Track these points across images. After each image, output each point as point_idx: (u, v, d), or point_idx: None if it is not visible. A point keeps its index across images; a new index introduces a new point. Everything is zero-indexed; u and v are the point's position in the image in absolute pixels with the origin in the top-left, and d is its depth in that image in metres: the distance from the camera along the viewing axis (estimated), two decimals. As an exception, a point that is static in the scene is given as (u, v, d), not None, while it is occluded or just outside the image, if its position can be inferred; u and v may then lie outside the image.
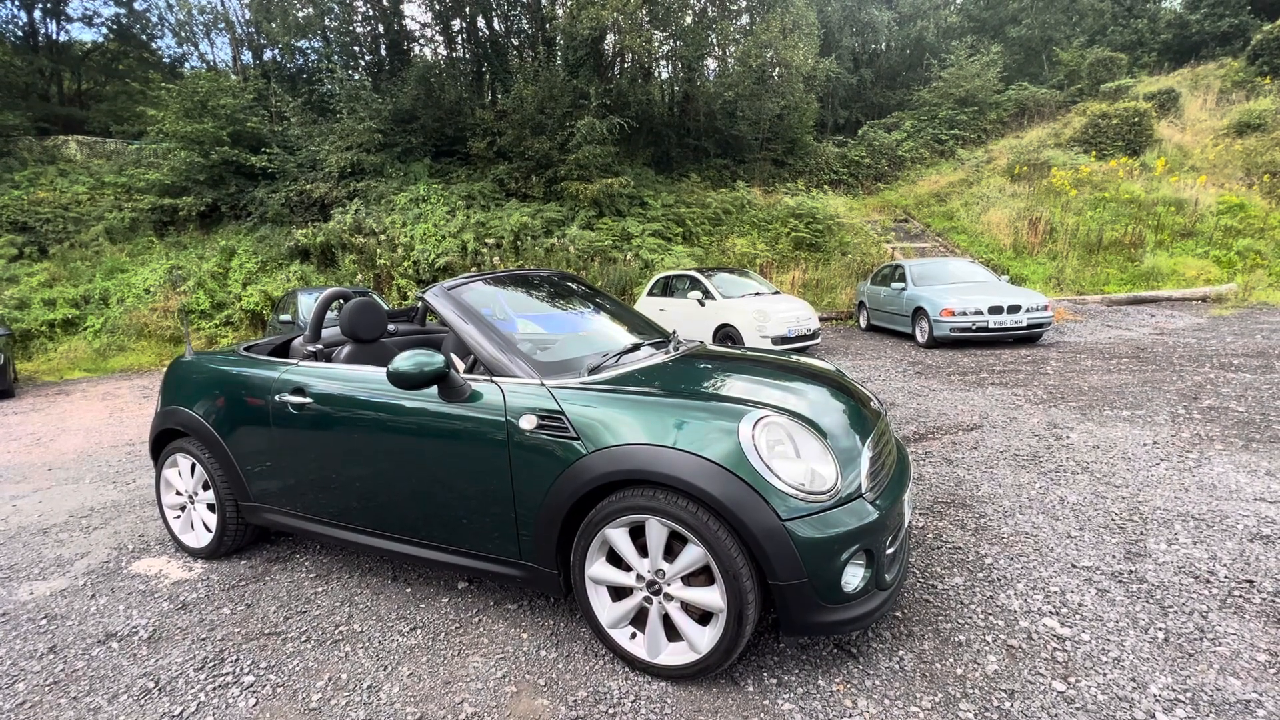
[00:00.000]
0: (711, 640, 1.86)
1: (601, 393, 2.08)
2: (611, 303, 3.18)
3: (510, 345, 2.29)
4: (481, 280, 2.64)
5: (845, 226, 16.29)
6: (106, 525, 3.57)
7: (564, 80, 15.46)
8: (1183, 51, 21.25)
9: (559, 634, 2.25)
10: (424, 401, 2.28)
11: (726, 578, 1.79)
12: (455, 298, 2.46)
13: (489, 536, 2.24)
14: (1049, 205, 16.22)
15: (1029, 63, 24.17)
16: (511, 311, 2.67)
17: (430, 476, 2.30)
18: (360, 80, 15.94)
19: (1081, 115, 19.08)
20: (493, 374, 2.23)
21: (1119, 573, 2.45)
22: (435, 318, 3.80)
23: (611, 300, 3.23)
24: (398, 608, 2.51)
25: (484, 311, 2.44)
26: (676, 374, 2.37)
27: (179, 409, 2.98)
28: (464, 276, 2.61)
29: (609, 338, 2.73)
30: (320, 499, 2.65)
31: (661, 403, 1.99)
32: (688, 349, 2.76)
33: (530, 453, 2.07)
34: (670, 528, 1.87)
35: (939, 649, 2.03)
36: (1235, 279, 13.04)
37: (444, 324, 2.50)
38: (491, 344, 2.29)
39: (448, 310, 2.41)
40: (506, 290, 2.73)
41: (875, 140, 20.65)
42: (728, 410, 1.92)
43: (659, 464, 1.84)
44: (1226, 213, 15.17)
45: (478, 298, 2.51)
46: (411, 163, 16.06)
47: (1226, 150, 17.10)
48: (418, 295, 2.54)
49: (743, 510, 1.75)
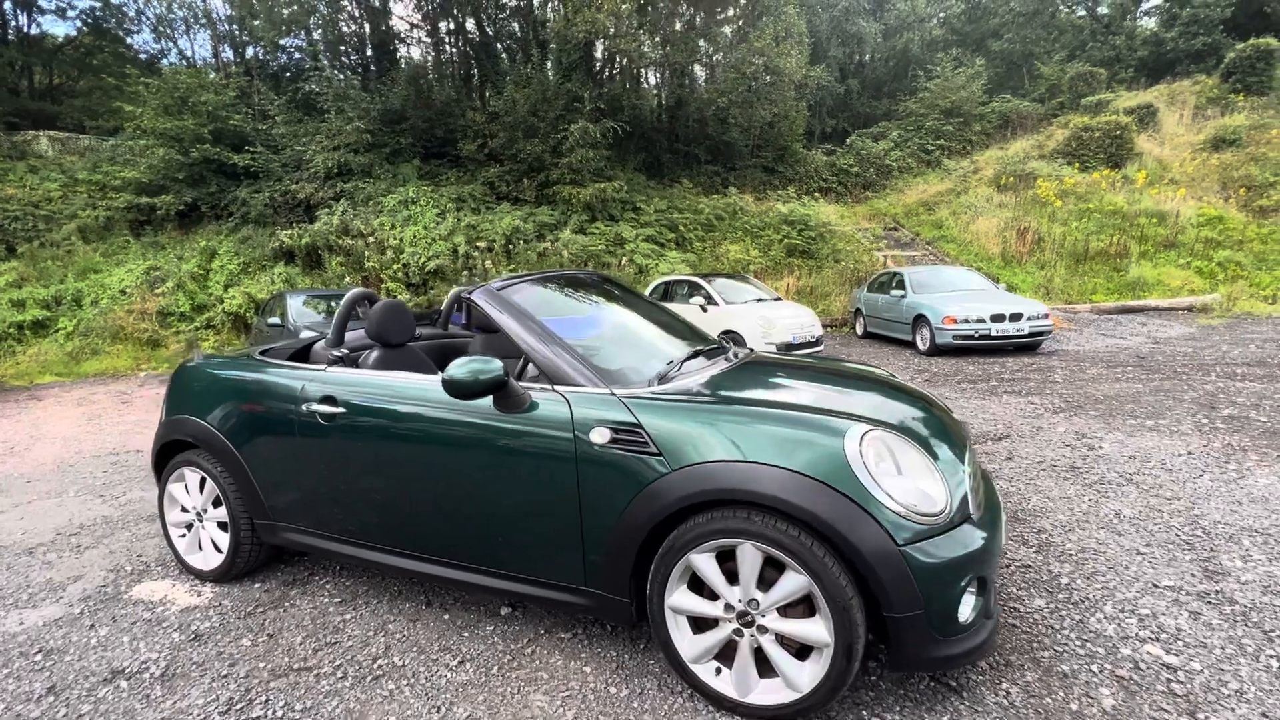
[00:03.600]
0: (814, 678, 1.68)
1: (681, 404, 1.90)
2: (654, 306, 3.01)
3: (572, 350, 2.11)
4: (529, 280, 2.46)
5: (837, 234, 16.34)
6: (99, 544, 3.28)
7: (557, 84, 15.30)
8: (1159, 68, 21.81)
9: (626, 668, 2.06)
10: (476, 412, 2.08)
11: (834, 609, 1.62)
12: (506, 299, 2.27)
13: (549, 560, 2.05)
14: (1035, 215, 16.45)
15: (1010, 76, 24.63)
16: (562, 314, 2.48)
17: (482, 495, 2.10)
18: (349, 80, 15.57)
19: (1064, 128, 19.44)
20: (553, 382, 2.05)
21: (1205, 593, 2.34)
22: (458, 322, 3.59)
23: (653, 303, 3.06)
24: (439, 637, 2.29)
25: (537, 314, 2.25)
26: (750, 383, 2.20)
27: (188, 419, 2.74)
28: (511, 277, 2.43)
29: (662, 344, 2.55)
30: (350, 518, 2.43)
31: (751, 415, 1.82)
32: (746, 356, 2.60)
33: (602, 469, 1.88)
34: (766, 553, 1.70)
35: (1044, 681, 1.89)
36: (1218, 289, 13.31)
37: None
38: (551, 349, 2.10)
39: (499, 312, 2.22)
40: (553, 291, 2.54)
41: (863, 149, 20.81)
42: (828, 423, 1.76)
43: (756, 483, 1.67)
44: (1206, 225, 15.52)
45: (527, 299, 2.32)
46: (400, 164, 15.73)
47: (1204, 164, 17.53)
48: (463, 295, 2.35)
49: (854, 534, 1.59)
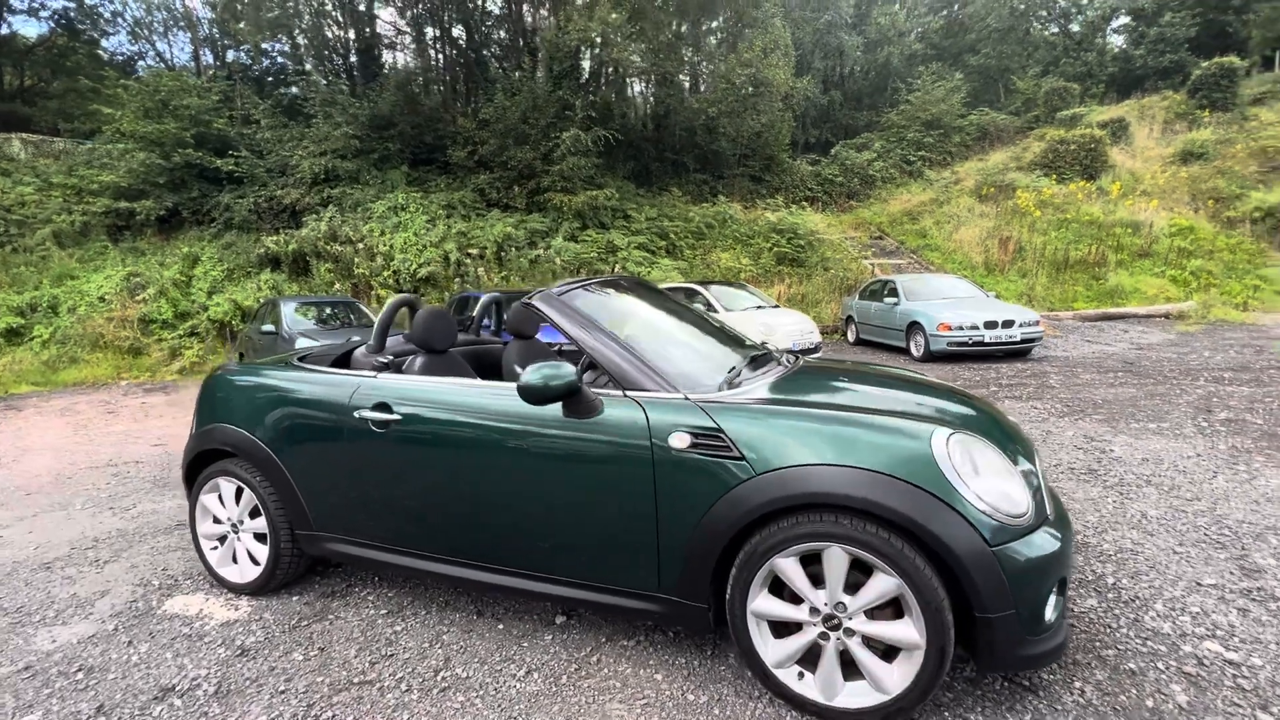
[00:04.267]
0: (904, 679, 1.69)
1: (759, 408, 1.91)
2: (692, 310, 3.02)
3: (642, 355, 2.10)
4: (584, 285, 2.45)
5: (825, 242, 16.57)
6: (118, 558, 3.17)
7: (548, 91, 15.32)
8: (1128, 83, 22.60)
9: (697, 674, 2.05)
10: (545, 419, 2.06)
11: (927, 610, 1.63)
12: (567, 304, 2.25)
13: (620, 567, 2.03)
14: (1016, 225, 16.86)
15: (987, 90, 25.28)
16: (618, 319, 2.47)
17: (551, 502, 2.08)
18: (337, 85, 15.40)
19: (1040, 140, 19.99)
20: (622, 387, 2.04)
21: (1247, 590, 2.41)
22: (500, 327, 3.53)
23: (690, 308, 3.07)
24: (498, 648, 2.26)
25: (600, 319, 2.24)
26: (815, 388, 2.22)
27: (225, 427, 2.66)
28: (568, 282, 2.41)
29: (715, 349, 2.56)
30: (403, 527, 2.38)
31: (833, 418, 1.84)
32: (804, 362, 2.61)
33: (681, 474, 1.88)
34: (854, 556, 1.71)
35: (1115, 679, 1.92)
36: (1193, 297, 13.77)
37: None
38: (620, 354, 2.09)
39: (563, 318, 2.20)
40: (608, 296, 2.52)
41: (847, 159, 21.16)
42: (912, 426, 1.78)
43: (847, 486, 1.68)
44: (1178, 235, 16.07)
45: (587, 304, 2.31)
46: (388, 170, 15.58)
47: (1174, 177, 18.16)
48: (523, 301, 2.33)
49: (949, 536, 1.61)
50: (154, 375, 10.97)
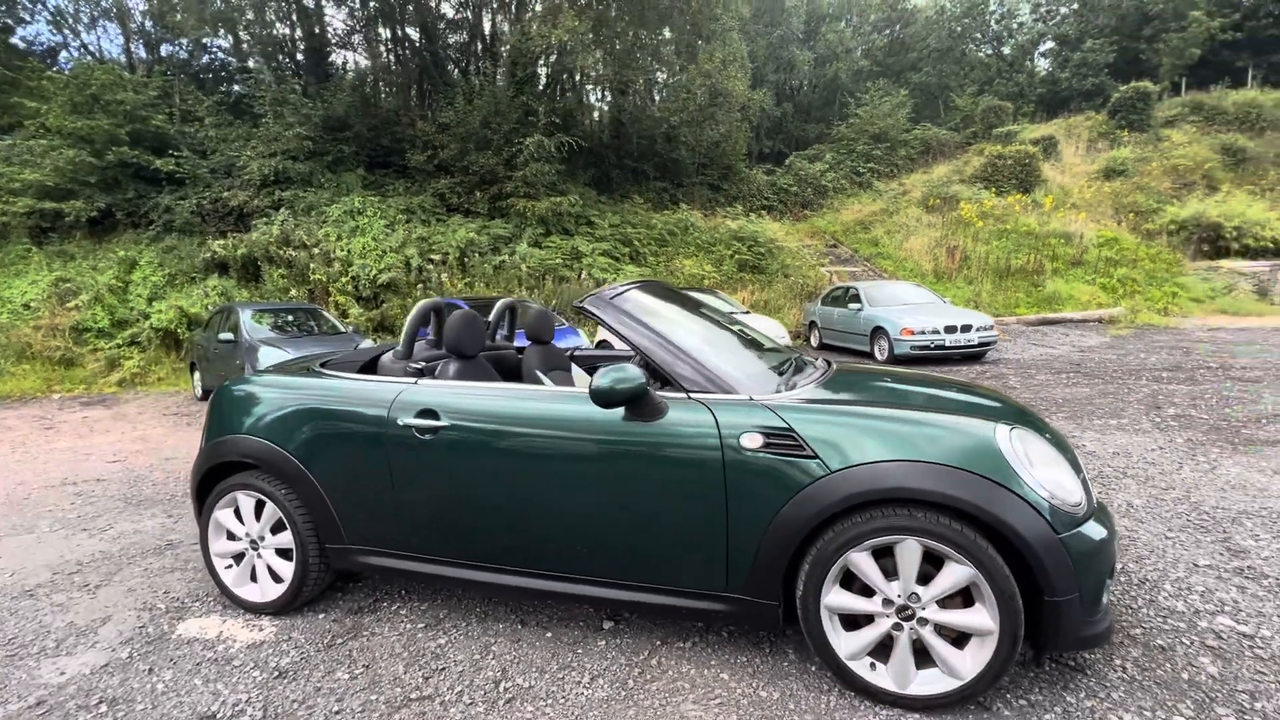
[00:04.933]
0: (978, 665, 1.78)
1: (828, 408, 1.97)
2: (720, 313, 3.07)
3: (701, 357, 2.13)
4: (636, 288, 2.45)
5: (785, 250, 17.00)
6: (110, 582, 2.95)
7: (509, 97, 15.18)
8: (1055, 104, 24.18)
9: (762, 670, 2.09)
10: (607, 423, 2.06)
11: (1001, 597, 1.72)
12: (620, 307, 2.26)
13: (687, 569, 2.05)
14: (961, 235, 17.75)
15: (928, 106, 26.55)
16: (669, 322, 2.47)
17: (613, 506, 2.08)
18: (290, 84, 14.81)
19: (979, 155, 21.13)
20: (687, 390, 2.06)
21: (1239, 569, 2.63)
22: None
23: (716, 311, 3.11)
24: (552, 656, 2.23)
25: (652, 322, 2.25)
26: (864, 389, 2.30)
27: (245, 438, 2.53)
28: (620, 285, 2.41)
29: (751, 351, 2.61)
30: (447, 536, 2.33)
31: (899, 417, 1.91)
32: (839, 365, 2.69)
33: (753, 475, 1.92)
34: (927, 547, 1.79)
35: (1149, 655, 2.07)
36: (1121, 303, 14.83)
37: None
38: (681, 356, 2.12)
39: (620, 321, 2.21)
40: (650, 299, 2.52)
41: (801, 170, 21.82)
42: (975, 422, 1.87)
43: (920, 480, 1.76)
44: (1104, 245, 17.26)
45: (637, 307, 2.32)
46: (343, 173, 15.07)
47: (1099, 191, 19.52)
48: (575, 305, 2.32)
49: (1022, 525, 1.70)
50: (90, 388, 10.23)
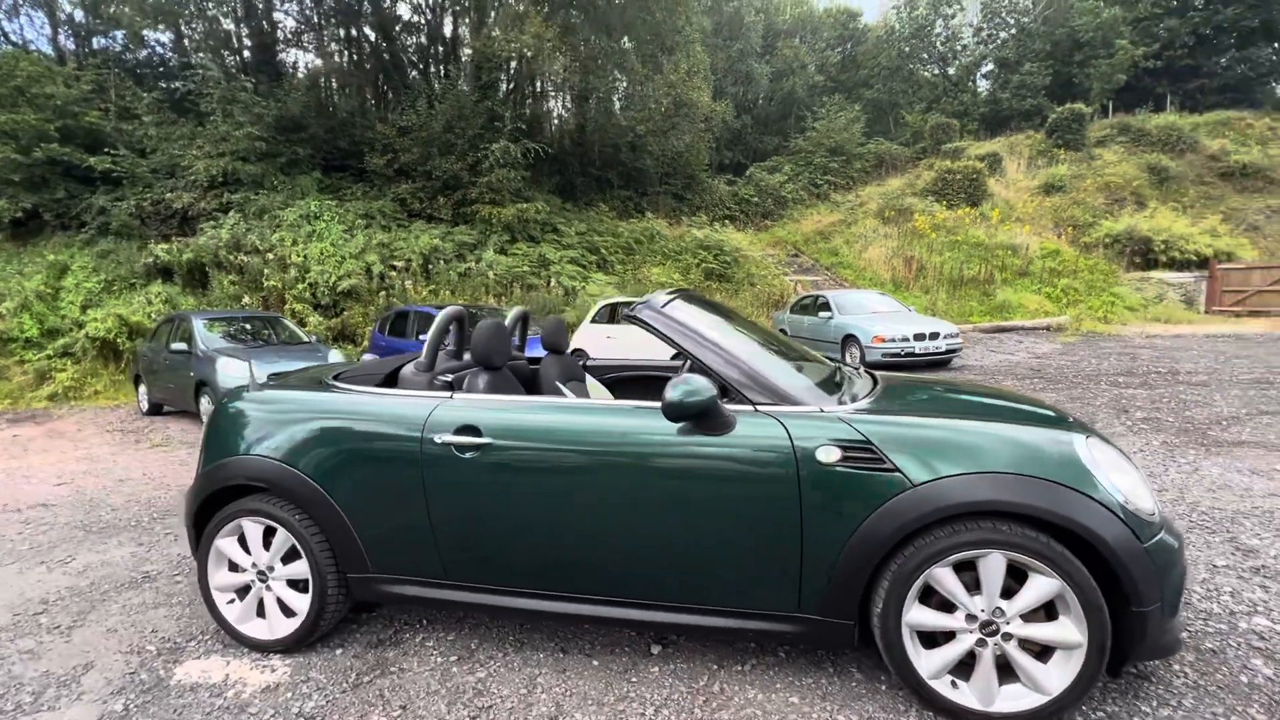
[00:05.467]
0: (1065, 679, 1.75)
1: (903, 420, 1.92)
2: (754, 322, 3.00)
3: (763, 368, 2.05)
4: (680, 297, 2.36)
5: (750, 259, 17.22)
6: (84, 622, 2.64)
7: (473, 101, 14.90)
8: (997, 122, 25.41)
9: (831, 692, 2.01)
10: (669, 437, 1.96)
11: (1089, 609, 1.70)
12: (673, 316, 2.17)
13: (754, 589, 1.96)
14: (916, 245, 18.39)
15: (880, 121, 27.48)
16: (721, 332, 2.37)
17: (677, 525, 1.97)
18: (240, 81, 14.11)
19: (930, 170, 21.99)
20: (754, 403, 1.98)
21: (1255, 568, 2.72)
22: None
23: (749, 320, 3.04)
24: (605, 686, 2.10)
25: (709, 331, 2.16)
26: (921, 400, 2.27)
27: (253, 459, 2.31)
28: (664, 294, 2.31)
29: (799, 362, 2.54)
30: (490, 561, 2.17)
31: (977, 428, 1.88)
32: (883, 376, 2.65)
33: (830, 490, 1.85)
34: (1013, 560, 1.75)
35: (1203, 660, 2.10)
36: (1065, 312, 15.62)
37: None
38: (745, 367, 2.03)
39: (676, 331, 2.11)
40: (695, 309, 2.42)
41: (761, 181, 22.22)
42: (1053, 432, 1.86)
43: (1009, 492, 1.73)
44: (1047, 257, 18.17)
45: (691, 316, 2.22)
46: (298, 176, 14.44)
47: (1040, 206, 20.57)
48: (627, 314, 2.20)
49: (1110, 536, 1.69)
50: (17, 403, 9.41)
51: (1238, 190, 20.73)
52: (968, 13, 27.60)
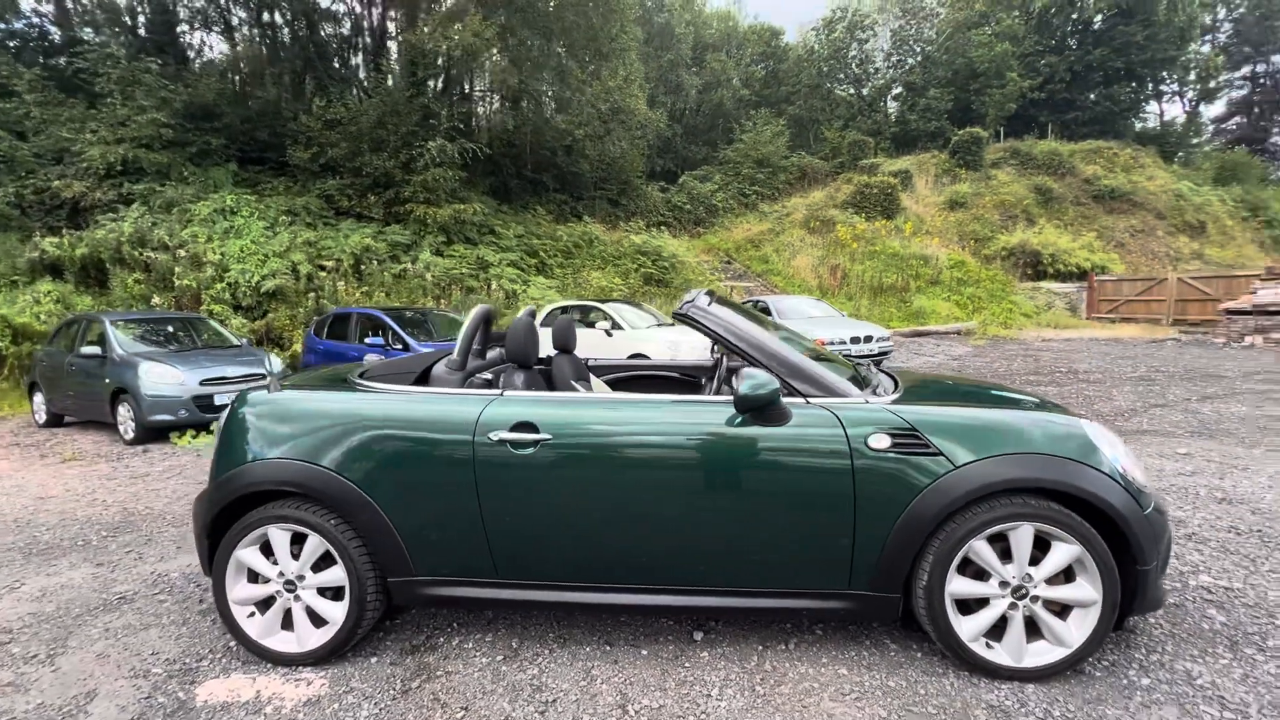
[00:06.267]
0: (1084, 633, 1.99)
1: (942, 408, 2.11)
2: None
3: (808, 363, 2.19)
4: (713, 296, 2.46)
5: (687, 265, 17.62)
6: (65, 649, 2.39)
7: (407, 97, 14.39)
8: (906, 141, 27.36)
9: (874, 662, 2.17)
10: (726, 429, 2.06)
11: (1103, 570, 1.95)
12: (721, 315, 2.27)
13: (808, 571, 2.09)
14: (839, 255, 19.47)
15: (801, 136, 28.87)
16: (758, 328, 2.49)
17: (738, 513, 2.07)
18: (143, 62, 12.92)
19: (848, 184, 23.33)
20: (804, 395, 2.12)
21: (1190, 535, 3.15)
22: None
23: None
24: (661, 672, 2.16)
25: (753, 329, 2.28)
26: (945, 390, 2.49)
27: (282, 462, 2.19)
28: (699, 292, 2.41)
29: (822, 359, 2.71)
30: (545, 558, 2.18)
31: (1002, 414, 2.11)
32: (894, 371, 2.86)
33: (881, 474, 2.01)
34: (1039, 530, 1.98)
35: (1169, 612, 2.43)
36: (973, 318, 17.04)
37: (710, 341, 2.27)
38: (791, 363, 2.17)
39: (727, 329, 2.22)
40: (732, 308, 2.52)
41: (694, 189, 22.77)
42: (1065, 416, 2.11)
43: (1039, 470, 1.95)
44: (954, 267, 19.75)
45: (734, 314, 2.33)
46: (211, 167, 13.41)
47: (946, 220, 22.31)
48: (676, 313, 2.28)
49: (1122, 506, 1.95)
50: (-126, 416, 8.16)
51: (1107, 211, 23.36)
52: (880, 38, 29.55)
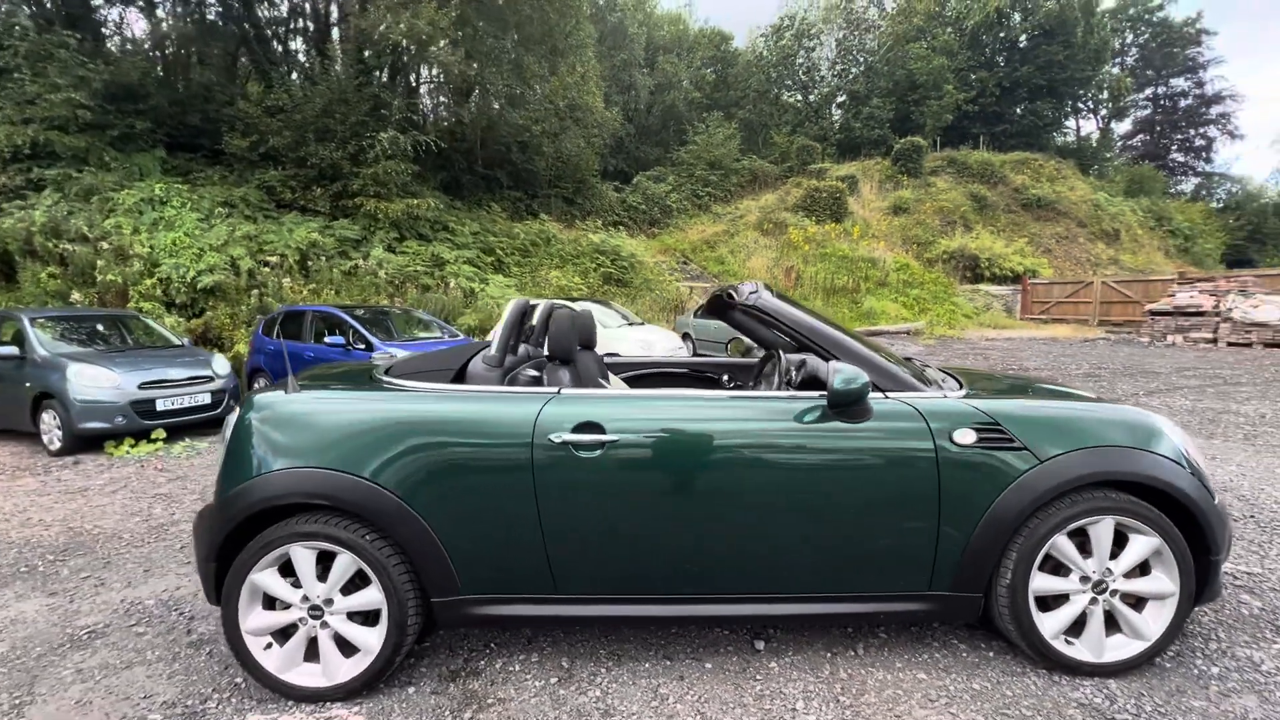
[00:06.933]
0: (1161, 625, 1.99)
1: (1021, 401, 2.08)
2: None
3: (879, 357, 2.12)
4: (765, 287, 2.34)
5: (644, 265, 17.54)
6: (34, 698, 2.02)
7: (356, 86, 13.69)
8: (851, 148, 28.23)
9: (950, 666, 2.10)
10: (810, 426, 1.96)
11: (1181, 562, 1.95)
12: (789, 309, 2.17)
13: (889, 572, 2.01)
14: (793, 256, 19.87)
15: (751, 140, 29.34)
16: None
17: (818, 514, 1.97)
18: (57, 34, 11.75)
19: (798, 187, 23.87)
20: (883, 390, 2.03)
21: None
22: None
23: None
24: (735, 687, 2.02)
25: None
26: (999, 383, 2.46)
27: (309, 471, 1.93)
28: (759, 285, 2.28)
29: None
30: (607, 570, 2.01)
31: (1080, 408, 2.09)
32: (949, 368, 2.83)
33: (966, 469, 1.94)
34: (1120, 524, 1.96)
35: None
36: (919, 318, 17.72)
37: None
38: (865, 357, 2.08)
39: (797, 323, 2.13)
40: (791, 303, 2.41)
41: (648, 190, 22.74)
42: (1136, 409, 2.11)
43: (1120, 464, 1.94)
44: (900, 270, 20.50)
45: (799, 308, 2.24)
46: (135, 153, 12.33)
47: (890, 225, 23.16)
48: (743, 305, 2.15)
49: (1198, 496, 1.95)
50: None
51: (1035, 219, 24.83)
52: (825, 47, 30.41)
